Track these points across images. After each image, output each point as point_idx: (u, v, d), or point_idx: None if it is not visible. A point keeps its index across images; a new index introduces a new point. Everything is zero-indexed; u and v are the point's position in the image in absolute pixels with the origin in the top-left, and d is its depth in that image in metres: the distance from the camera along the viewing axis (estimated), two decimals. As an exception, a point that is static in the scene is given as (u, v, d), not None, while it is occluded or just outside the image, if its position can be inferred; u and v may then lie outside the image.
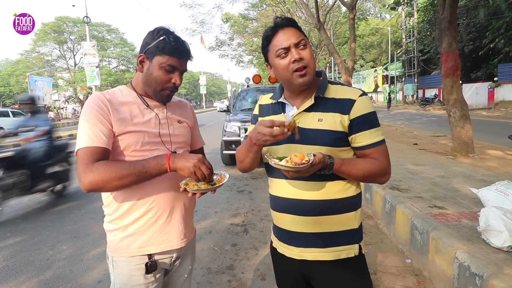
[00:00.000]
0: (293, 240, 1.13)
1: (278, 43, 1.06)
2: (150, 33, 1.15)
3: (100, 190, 1.04)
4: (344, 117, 1.06)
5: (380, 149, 1.09)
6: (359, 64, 42.74)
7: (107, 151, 1.07)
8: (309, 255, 1.11)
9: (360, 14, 21.97)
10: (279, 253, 1.20)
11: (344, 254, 1.10)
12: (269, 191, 1.24)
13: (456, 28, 5.97)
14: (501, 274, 1.79)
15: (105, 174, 1.00)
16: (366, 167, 1.06)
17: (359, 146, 1.09)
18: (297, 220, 1.10)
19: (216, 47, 26.46)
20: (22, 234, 3.68)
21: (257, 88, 8.16)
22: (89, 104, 1.10)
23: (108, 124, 1.08)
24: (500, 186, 2.75)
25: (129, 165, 1.03)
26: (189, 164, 1.03)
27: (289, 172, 0.96)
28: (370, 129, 1.08)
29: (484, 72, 23.89)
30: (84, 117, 1.08)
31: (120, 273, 1.18)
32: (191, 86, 65.63)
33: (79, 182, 1.03)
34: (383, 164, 1.08)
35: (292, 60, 1.03)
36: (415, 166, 4.88)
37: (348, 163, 1.04)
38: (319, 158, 0.96)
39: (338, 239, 1.10)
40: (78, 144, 1.06)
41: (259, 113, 1.28)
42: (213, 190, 1.10)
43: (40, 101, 27.85)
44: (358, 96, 1.09)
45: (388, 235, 3.31)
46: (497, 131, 10.60)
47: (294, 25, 1.07)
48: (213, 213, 4.20)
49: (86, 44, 15.44)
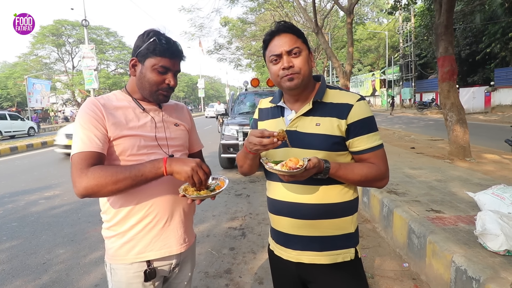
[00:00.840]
0: (290, 243, 1.14)
1: (272, 49, 1.08)
2: (141, 36, 1.15)
3: (95, 195, 1.01)
4: (341, 121, 1.07)
5: (378, 154, 1.10)
6: (357, 68, 42.97)
7: (102, 155, 1.05)
8: (306, 258, 1.12)
9: (358, 19, 22.10)
10: (276, 256, 1.21)
11: (341, 258, 1.11)
12: (266, 194, 1.25)
13: (453, 33, 6.03)
14: (497, 278, 1.79)
15: (100, 179, 0.98)
16: (363, 172, 1.06)
17: (357, 151, 1.10)
18: (294, 223, 1.11)
19: (214, 51, 26.50)
20: (19, 238, 3.66)
21: (255, 92, 8.19)
22: (83, 109, 1.10)
23: (102, 129, 1.07)
24: (497, 190, 2.77)
25: (125, 169, 1.02)
26: (187, 167, 1.02)
27: (284, 176, 0.97)
28: (368, 134, 1.08)
29: (481, 76, 24.06)
30: (79, 123, 1.07)
31: (118, 281, 1.16)
32: (189, 90, 65.65)
33: (73, 187, 1.01)
34: (381, 169, 1.09)
35: (282, 67, 1.06)
36: (413, 170, 4.89)
37: (344, 168, 1.05)
38: (313, 163, 0.96)
39: (335, 243, 1.11)
40: (73, 149, 1.04)
41: (258, 117, 1.30)
42: (213, 196, 1.09)
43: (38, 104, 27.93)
44: (355, 101, 1.09)
45: (385, 239, 3.31)
46: (493, 135, 10.66)
47: (291, 31, 1.08)
48: (211, 216, 4.19)
49: (84, 47, 15.42)
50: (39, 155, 10.75)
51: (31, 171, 7.80)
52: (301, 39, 1.09)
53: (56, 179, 6.65)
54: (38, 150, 12.29)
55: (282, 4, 18.37)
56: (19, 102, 37.03)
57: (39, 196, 5.36)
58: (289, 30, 1.08)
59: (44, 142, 13.45)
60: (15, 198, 5.31)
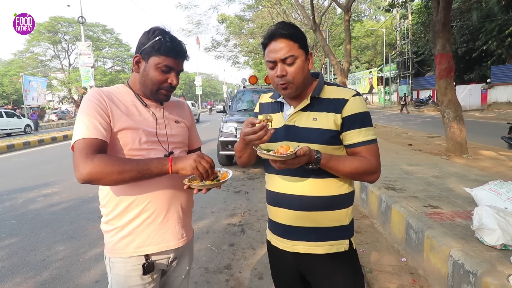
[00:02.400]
0: (286, 233, 1.18)
1: (268, 54, 1.10)
2: (146, 33, 1.14)
3: (97, 182, 1.00)
4: (337, 116, 1.10)
5: (370, 148, 1.12)
6: (354, 66, 42.99)
7: (105, 144, 1.05)
8: (301, 248, 1.15)
9: (355, 16, 22.11)
10: (273, 246, 1.24)
11: (335, 248, 1.14)
12: (266, 187, 1.28)
13: (450, 31, 6.05)
14: (494, 272, 1.82)
15: (107, 166, 0.98)
16: (353, 164, 1.08)
17: (349, 144, 1.12)
18: (291, 214, 1.15)
19: (212, 48, 26.43)
20: (18, 235, 3.66)
21: (253, 89, 8.17)
22: (88, 98, 1.10)
23: (106, 118, 1.07)
24: (493, 185, 2.80)
25: (132, 161, 1.03)
26: (189, 161, 1.04)
27: (276, 162, 1.00)
28: (361, 128, 1.11)
29: (477, 73, 24.19)
30: (83, 110, 1.06)
31: (117, 274, 1.17)
32: (186, 87, 65.48)
33: (75, 172, 0.98)
34: (372, 163, 1.10)
35: (276, 75, 1.10)
36: (410, 166, 4.93)
37: (336, 159, 1.07)
38: (304, 150, 0.98)
39: (330, 234, 1.14)
40: (76, 135, 1.02)
41: (259, 111, 1.34)
42: (219, 185, 1.11)
43: (34, 102, 27.74)
44: (351, 96, 1.12)
45: (383, 234, 3.35)
46: (490, 132, 10.75)
47: (289, 36, 1.07)
48: (210, 213, 4.21)
49: (81, 44, 15.33)
50: (36, 152, 10.71)
51: (29, 168, 7.77)
52: (299, 43, 1.09)
53: (54, 176, 6.64)
54: (35, 147, 12.24)
55: (279, 1, 18.34)
56: (15, 99, 36.79)
57: (38, 194, 5.35)
58: (285, 36, 1.07)
59: (41, 140, 13.39)
60: (13, 196, 5.29)
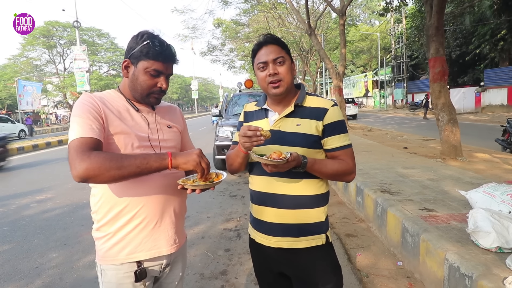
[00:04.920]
0: (271, 230, 1.27)
1: (260, 57, 1.24)
2: (134, 38, 1.14)
3: (94, 180, 0.96)
4: (319, 123, 1.24)
5: (347, 152, 1.27)
6: (350, 69, 43.29)
7: (100, 143, 1.03)
8: (285, 243, 1.25)
9: (350, 20, 22.29)
10: (258, 244, 1.32)
11: (314, 242, 1.26)
12: (250, 187, 1.39)
13: (443, 34, 6.11)
14: (489, 275, 1.82)
15: (105, 162, 0.95)
16: (334, 167, 1.23)
17: (329, 148, 1.26)
18: (276, 212, 1.25)
19: (208, 52, 26.47)
20: (10, 242, 3.60)
21: (249, 93, 8.19)
22: (80, 101, 1.09)
23: (100, 120, 1.06)
24: (488, 188, 2.82)
25: (130, 156, 1.01)
26: (193, 156, 1.04)
27: (268, 166, 1.10)
28: (340, 134, 1.25)
29: (471, 77, 24.46)
30: (76, 113, 1.05)
31: (108, 281, 1.15)
32: (182, 91, 65.44)
33: (71, 170, 0.95)
34: (349, 165, 1.26)
35: (268, 74, 1.22)
36: (405, 169, 4.95)
37: (319, 163, 1.21)
38: (294, 156, 1.11)
39: (310, 229, 1.26)
40: (71, 135, 1.01)
41: (244, 119, 1.42)
42: (213, 186, 1.10)
43: (29, 106, 27.54)
44: (330, 106, 1.27)
45: (379, 238, 3.34)
46: (484, 134, 10.84)
47: (277, 42, 1.24)
48: (206, 218, 4.18)
49: (76, 48, 15.28)
50: (30, 158, 10.60)
51: (23, 174, 7.68)
52: (285, 50, 1.25)
53: (48, 182, 6.57)
54: (29, 153, 12.12)
55: (275, 5, 18.45)
56: (9, 104, 36.43)
57: (31, 200, 5.29)
58: (275, 41, 1.24)
59: (36, 145, 13.27)
60: (6, 202, 5.22)
